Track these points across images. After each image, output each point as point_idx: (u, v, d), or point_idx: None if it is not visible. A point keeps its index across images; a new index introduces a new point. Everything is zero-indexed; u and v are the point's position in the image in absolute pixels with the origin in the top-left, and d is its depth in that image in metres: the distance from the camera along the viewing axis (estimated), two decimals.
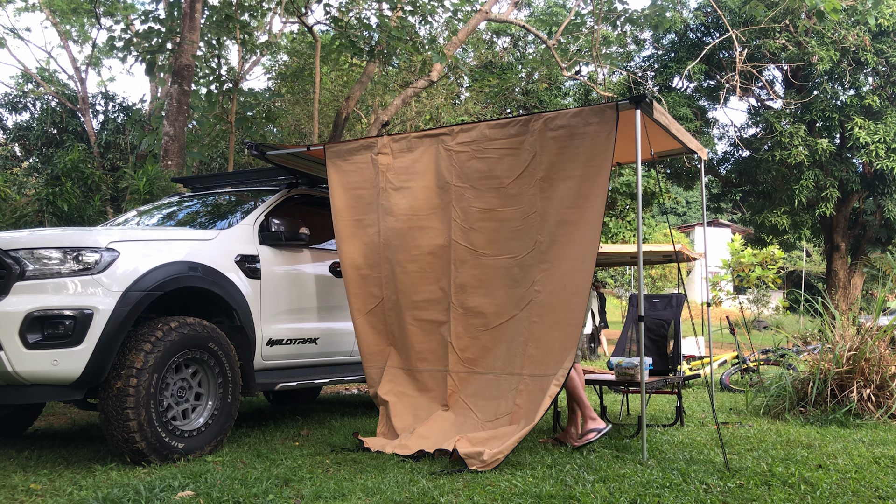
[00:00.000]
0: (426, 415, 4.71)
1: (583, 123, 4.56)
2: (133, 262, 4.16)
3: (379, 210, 5.12)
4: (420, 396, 4.87)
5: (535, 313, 4.51)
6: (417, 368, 4.94)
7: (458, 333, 4.78)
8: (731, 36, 13.16)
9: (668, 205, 27.92)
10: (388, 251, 5.06)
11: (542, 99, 19.79)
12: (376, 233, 5.11)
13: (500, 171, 4.80)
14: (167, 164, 9.31)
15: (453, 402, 4.71)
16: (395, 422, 4.72)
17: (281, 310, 5.11)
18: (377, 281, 5.10)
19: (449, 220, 4.90)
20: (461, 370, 4.75)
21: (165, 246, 4.48)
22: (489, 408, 4.52)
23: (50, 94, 19.96)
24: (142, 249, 4.30)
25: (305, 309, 5.36)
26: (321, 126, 15.17)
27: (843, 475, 3.88)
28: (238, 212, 5.44)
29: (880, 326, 6.21)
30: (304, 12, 11.73)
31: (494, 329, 4.69)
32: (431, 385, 4.86)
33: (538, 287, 4.53)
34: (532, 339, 4.49)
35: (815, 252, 32.95)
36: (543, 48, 16.98)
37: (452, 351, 4.77)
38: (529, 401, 4.35)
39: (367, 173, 5.23)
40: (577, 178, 4.50)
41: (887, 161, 16.53)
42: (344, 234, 5.21)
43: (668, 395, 6.76)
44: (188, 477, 3.67)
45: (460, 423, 4.53)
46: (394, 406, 4.83)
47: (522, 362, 4.49)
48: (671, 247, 11.92)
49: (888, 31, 16.56)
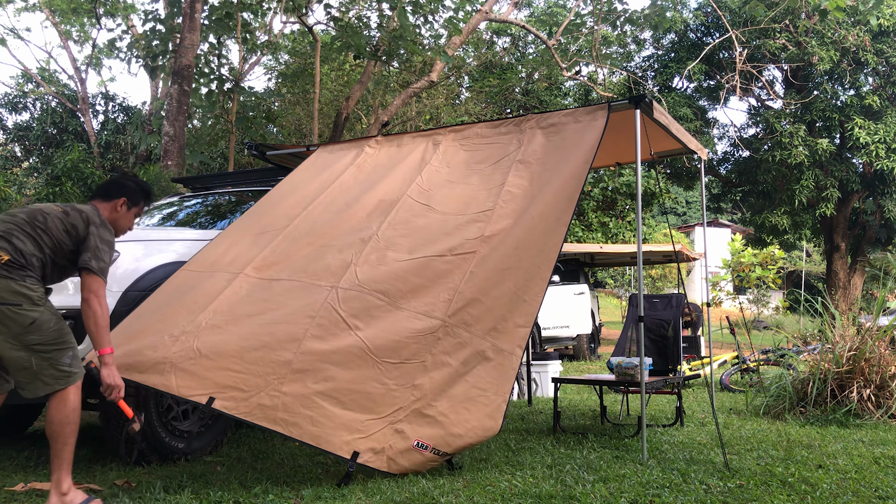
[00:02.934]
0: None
1: (572, 121, 4.60)
2: (133, 262, 4.17)
3: (340, 177, 5.00)
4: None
5: (475, 263, 4.07)
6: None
7: (366, 259, 4.22)
8: (731, 36, 13.16)
9: (668, 205, 27.92)
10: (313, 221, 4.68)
11: (542, 99, 19.79)
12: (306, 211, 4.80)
13: (481, 157, 4.81)
14: (167, 164, 9.31)
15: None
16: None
17: None
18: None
19: (410, 184, 4.72)
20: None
21: (165, 246, 4.48)
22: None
23: (50, 94, 19.95)
24: (142, 249, 4.30)
25: None
26: (321, 126, 15.17)
27: (843, 475, 3.88)
28: (238, 212, 5.45)
29: (880, 326, 6.21)
30: (305, 12, 11.73)
31: (413, 261, 4.17)
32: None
33: (486, 241, 4.17)
34: (466, 284, 4.02)
35: (815, 252, 32.94)
36: (543, 48, 16.97)
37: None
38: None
39: (347, 157, 5.24)
40: (550, 162, 4.46)
41: (887, 161, 16.52)
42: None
43: (668, 395, 6.76)
44: (188, 477, 3.67)
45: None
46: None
47: (447, 307, 3.95)
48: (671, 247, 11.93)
49: (888, 31, 16.54)
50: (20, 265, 3.01)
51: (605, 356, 12.53)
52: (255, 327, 3.81)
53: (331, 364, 3.68)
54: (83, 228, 3.15)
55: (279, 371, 3.59)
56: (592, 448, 4.56)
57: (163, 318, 3.90)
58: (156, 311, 3.98)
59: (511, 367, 3.73)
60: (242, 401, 3.47)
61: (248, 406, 3.46)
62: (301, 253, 4.37)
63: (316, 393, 3.57)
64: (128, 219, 3.44)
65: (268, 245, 4.44)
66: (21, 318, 2.98)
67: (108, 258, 3.20)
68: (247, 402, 3.47)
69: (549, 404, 6.80)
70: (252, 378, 3.57)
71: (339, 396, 3.61)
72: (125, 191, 3.39)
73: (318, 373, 3.63)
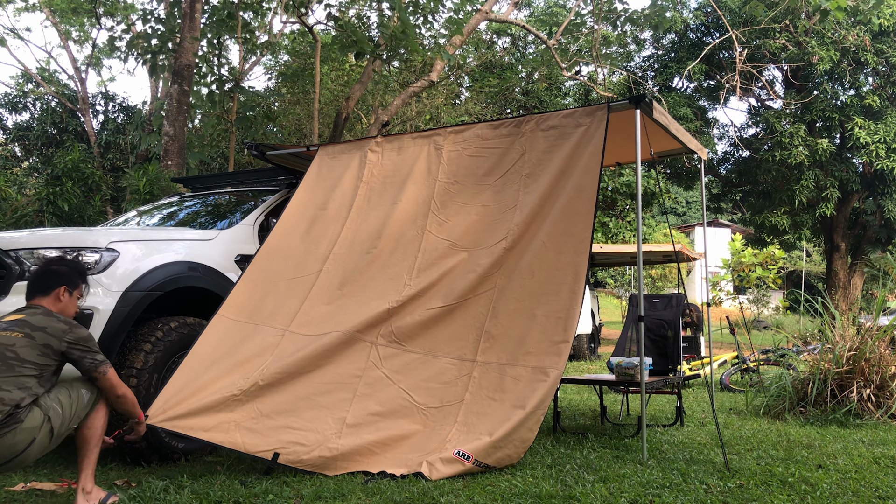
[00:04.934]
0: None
1: (573, 124, 4.58)
2: (133, 263, 4.17)
3: (355, 202, 5.06)
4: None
5: (496, 299, 4.35)
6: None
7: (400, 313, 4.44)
8: (731, 36, 13.16)
9: (668, 205, 27.93)
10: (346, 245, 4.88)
11: (542, 99, 19.79)
12: (338, 228, 4.98)
13: (487, 168, 4.81)
14: (167, 164, 9.31)
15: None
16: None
17: None
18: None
19: (427, 212, 4.82)
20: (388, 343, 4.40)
21: (165, 246, 4.48)
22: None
23: (50, 94, 19.95)
24: (142, 249, 4.30)
25: None
26: (321, 126, 15.17)
27: (843, 475, 3.88)
28: (238, 212, 5.45)
29: (880, 326, 6.21)
30: (305, 12, 11.73)
31: (441, 309, 4.39)
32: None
33: (505, 274, 4.38)
34: (490, 322, 4.30)
35: (815, 252, 32.95)
36: (543, 48, 16.98)
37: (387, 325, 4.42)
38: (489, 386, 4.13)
39: (352, 167, 5.24)
40: (557, 174, 4.48)
41: (887, 161, 16.52)
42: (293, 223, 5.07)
43: (668, 395, 6.76)
44: (188, 477, 3.67)
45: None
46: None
47: (476, 347, 4.27)
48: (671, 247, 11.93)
49: (888, 31, 16.55)
50: (10, 413, 2.96)
51: (605, 356, 12.53)
52: (309, 387, 4.13)
53: (380, 417, 4.03)
54: (57, 344, 3.12)
55: (335, 427, 3.94)
56: (592, 448, 4.56)
57: (218, 375, 4.11)
58: (209, 368, 4.14)
59: (554, 382, 4.01)
60: (304, 454, 3.78)
61: (311, 458, 3.78)
62: (339, 302, 4.59)
63: (370, 443, 3.90)
64: (72, 304, 3.37)
65: (306, 295, 4.65)
66: (31, 449, 3.07)
67: (97, 348, 3.25)
68: (308, 454, 3.78)
69: (550, 404, 6.79)
70: (312, 434, 3.89)
71: (390, 443, 3.94)
72: (61, 278, 3.32)
73: (370, 425, 3.97)
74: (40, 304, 3.25)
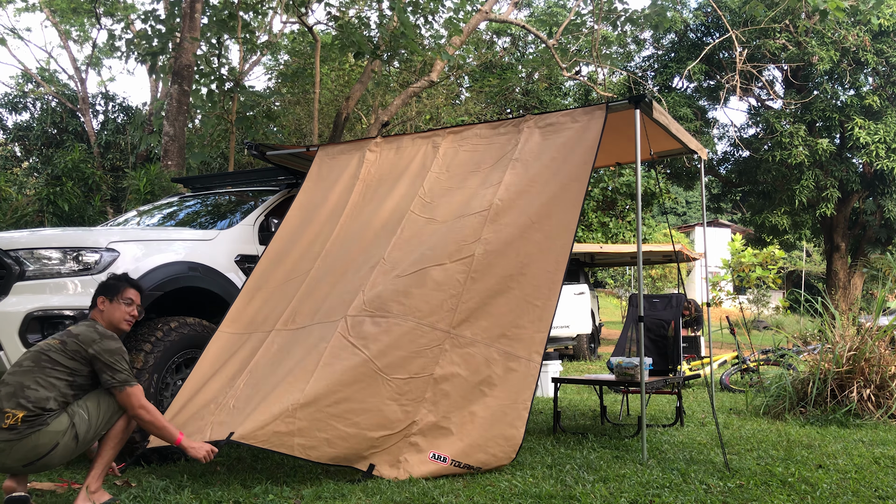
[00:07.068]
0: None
1: (570, 121, 4.60)
2: (133, 263, 4.17)
3: (350, 200, 5.01)
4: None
5: (474, 268, 4.16)
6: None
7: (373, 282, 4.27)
8: (731, 36, 13.16)
9: (668, 205, 27.92)
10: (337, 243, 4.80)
11: (542, 99, 19.79)
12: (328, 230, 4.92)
13: (480, 159, 4.80)
14: (167, 164, 9.32)
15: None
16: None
17: None
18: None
19: (414, 195, 4.75)
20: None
21: (165, 246, 4.48)
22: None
23: (50, 94, 19.96)
24: (142, 249, 4.30)
25: None
26: (321, 126, 15.17)
27: (843, 475, 3.88)
28: (238, 212, 5.45)
29: (880, 326, 6.21)
30: (305, 12, 11.73)
31: (412, 275, 4.20)
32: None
33: (483, 244, 4.21)
34: (468, 293, 4.12)
35: (815, 252, 32.94)
36: (543, 48, 16.98)
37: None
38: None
39: (350, 167, 5.23)
40: (549, 161, 4.45)
41: (887, 161, 16.52)
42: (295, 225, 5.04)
43: (668, 395, 6.76)
44: (188, 477, 3.67)
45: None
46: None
47: (451, 318, 4.05)
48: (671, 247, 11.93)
49: (888, 31, 16.54)
50: (36, 414, 3.07)
51: (605, 356, 12.53)
52: (276, 377, 3.89)
53: (342, 386, 3.72)
54: (84, 352, 3.20)
55: (293, 398, 3.64)
56: (592, 448, 4.56)
57: (208, 391, 4.01)
58: (203, 387, 4.06)
59: (529, 373, 3.83)
60: (259, 429, 3.52)
61: (266, 434, 3.51)
62: (321, 294, 4.43)
63: (330, 416, 3.63)
64: (115, 309, 3.41)
65: (295, 294, 4.52)
66: (54, 452, 3.11)
67: (124, 365, 3.27)
68: (263, 430, 3.52)
69: (549, 404, 6.80)
70: (277, 406, 3.63)
71: (352, 416, 3.67)
72: (98, 289, 3.46)
73: (331, 395, 3.68)
74: (92, 317, 3.42)
